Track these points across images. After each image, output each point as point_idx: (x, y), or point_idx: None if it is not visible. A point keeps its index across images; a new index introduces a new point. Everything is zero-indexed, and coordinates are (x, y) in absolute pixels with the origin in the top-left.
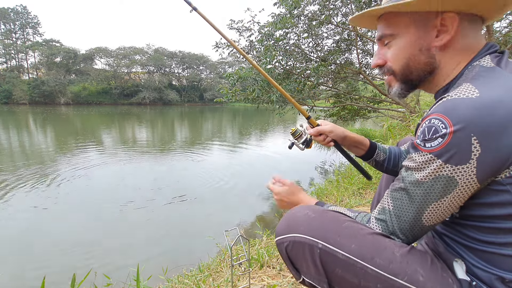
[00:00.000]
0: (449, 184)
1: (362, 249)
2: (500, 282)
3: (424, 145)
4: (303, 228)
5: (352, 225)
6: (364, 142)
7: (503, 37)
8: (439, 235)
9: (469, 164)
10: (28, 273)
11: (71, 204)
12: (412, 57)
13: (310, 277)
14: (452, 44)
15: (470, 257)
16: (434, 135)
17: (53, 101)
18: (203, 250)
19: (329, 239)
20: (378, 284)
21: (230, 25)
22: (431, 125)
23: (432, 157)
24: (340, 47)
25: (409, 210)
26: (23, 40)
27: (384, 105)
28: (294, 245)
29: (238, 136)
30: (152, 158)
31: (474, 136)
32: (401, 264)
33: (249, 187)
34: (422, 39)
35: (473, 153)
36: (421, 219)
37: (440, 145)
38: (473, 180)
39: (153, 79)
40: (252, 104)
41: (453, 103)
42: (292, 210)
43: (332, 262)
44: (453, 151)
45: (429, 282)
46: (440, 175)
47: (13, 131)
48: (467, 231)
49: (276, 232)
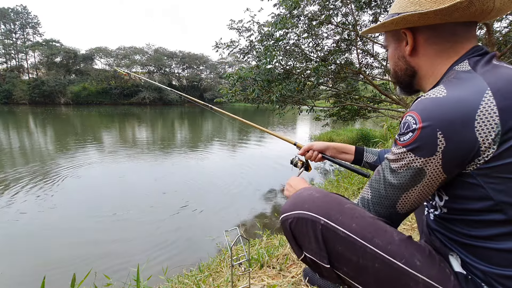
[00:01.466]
0: (418, 174)
1: (363, 229)
2: (491, 277)
3: (399, 139)
4: (307, 206)
5: (354, 207)
6: (349, 147)
7: (503, 37)
8: (434, 232)
9: (435, 156)
10: (28, 273)
11: (71, 204)
12: (396, 64)
13: (311, 252)
14: (420, 51)
15: (462, 253)
16: (406, 130)
17: (53, 101)
18: (203, 250)
19: (331, 216)
20: (376, 264)
21: (230, 25)
22: (405, 121)
23: (404, 149)
24: (340, 47)
25: (385, 198)
26: (23, 40)
27: (384, 105)
28: (297, 221)
29: (238, 136)
30: (152, 158)
31: (440, 131)
32: (399, 247)
33: (249, 187)
34: (398, 49)
35: (439, 146)
36: (395, 207)
37: (411, 139)
38: (440, 171)
39: (153, 79)
40: (252, 104)
41: (423, 102)
42: (298, 191)
43: (333, 238)
44: (421, 144)
45: (425, 268)
46: (411, 166)
47: (13, 131)
48: (456, 227)
49: (281, 211)
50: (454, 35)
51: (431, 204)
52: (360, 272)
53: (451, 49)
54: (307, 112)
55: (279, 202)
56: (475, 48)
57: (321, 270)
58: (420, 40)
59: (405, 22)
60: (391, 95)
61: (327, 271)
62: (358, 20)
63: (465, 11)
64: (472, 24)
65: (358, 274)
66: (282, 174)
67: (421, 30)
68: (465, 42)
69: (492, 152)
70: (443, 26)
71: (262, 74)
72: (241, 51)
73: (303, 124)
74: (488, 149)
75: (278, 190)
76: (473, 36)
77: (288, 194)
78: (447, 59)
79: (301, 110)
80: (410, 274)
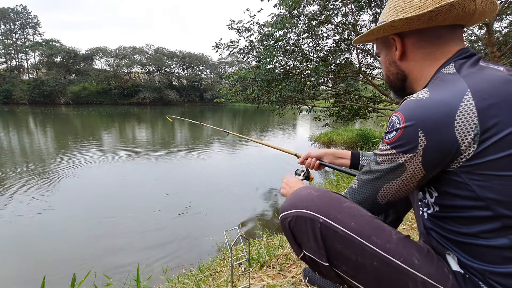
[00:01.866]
0: (399, 168)
1: (361, 227)
2: (486, 275)
3: (385, 136)
4: (306, 204)
5: (352, 206)
6: (345, 152)
7: (503, 37)
8: (430, 231)
9: (416, 153)
10: (28, 273)
11: (71, 204)
12: (388, 69)
13: (310, 250)
14: (409, 55)
15: (457, 252)
16: (391, 129)
17: (53, 101)
18: (203, 250)
19: (330, 215)
20: (375, 262)
21: (230, 25)
22: (391, 121)
23: (388, 146)
24: (340, 47)
25: (369, 188)
26: (23, 40)
27: (384, 105)
28: (296, 220)
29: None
30: (152, 158)
31: (421, 131)
32: (397, 246)
33: (249, 187)
34: (389, 55)
35: (420, 145)
36: (376, 197)
37: (394, 137)
38: (419, 167)
39: (153, 79)
40: (252, 104)
41: (408, 103)
42: (297, 189)
43: (331, 237)
44: (403, 142)
45: (424, 267)
46: (393, 161)
47: (13, 131)
48: (448, 225)
49: (280, 210)
50: (440, 38)
51: (424, 203)
52: (359, 271)
53: (438, 52)
54: (307, 112)
55: (279, 202)
56: (461, 50)
57: (320, 269)
58: (408, 45)
59: (392, 28)
60: (391, 95)
61: (326, 269)
62: (358, 20)
63: (448, 15)
64: (457, 27)
65: (357, 272)
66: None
67: (408, 35)
68: (452, 45)
69: (473, 150)
70: (429, 30)
71: (262, 74)
72: (241, 51)
73: (303, 124)
74: (469, 148)
75: (278, 190)
76: (460, 39)
77: (285, 192)
78: (435, 62)
79: (301, 110)
80: (408, 272)
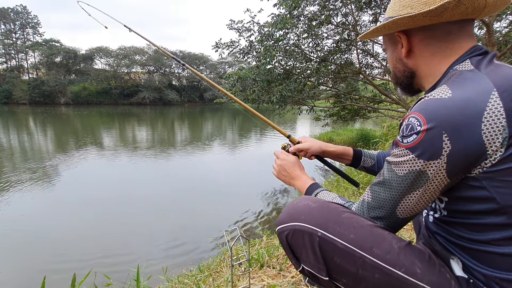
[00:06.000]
0: (421, 177)
1: (361, 239)
2: (494, 281)
3: (402, 141)
4: (303, 217)
5: (351, 216)
6: (347, 152)
7: (503, 37)
8: (434, 235)
9: (440, 160)
10: (28, 273)
11: (71, 204)
12: (394, 66)
13: (309, 265)
14: (416, 52)
15: (463, 256)
16: (410, 132)
17: (53, 101)
18: (203, 250)
19: (328, 228)
20: (376, 274)
21: (230, 25)
22: (408, 123)
23: (407, 152)
24: (340, 47)
25: (385, 202)
26: (23, 40)
27: (384, 105)
28: (294, 233)
29: (238, 136)
30: (152, 158)
31: (445, 134)
32: (399, 256)
33: (249, 187)
34: (395, 52)
35: (444, 150)
36: (395, 211)
37: (415, 141)
38: (443, 175)
39: (153, 79)
40: (252, 104)
41: (428, 103)
42: (294, 201)
43: (331, 251)
44: (426, 147)
45: (426, 275)
46: (414, 169)
47: (13, 131)
48: (456, 230)
49: (277, 222)
50: (449, 35)
51: (430, 206)
52: (360, 283)
53: (448, 49)
54: (307, 112)
55: (279, 202)
56: (476, 47)
57: (320, 282)
58: (415, 42)
59: (397, 25)
60: (391, 95)
61: (326, 282)
62: (358, 20)
63: (455, 11)
64: (467, 22)
65: (357, 285)
66: None
67: (415, 32)
68: (463, 41)
69: (500, 155)
70: (436, 27)
71: (262, 75)
72: (241, 51)
73: (303, 124)
74: (496, 152)
75: (278, 190)
76: (471, 35)
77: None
78: (445, 58)
79: (301, 110)
80: (411, 283)
